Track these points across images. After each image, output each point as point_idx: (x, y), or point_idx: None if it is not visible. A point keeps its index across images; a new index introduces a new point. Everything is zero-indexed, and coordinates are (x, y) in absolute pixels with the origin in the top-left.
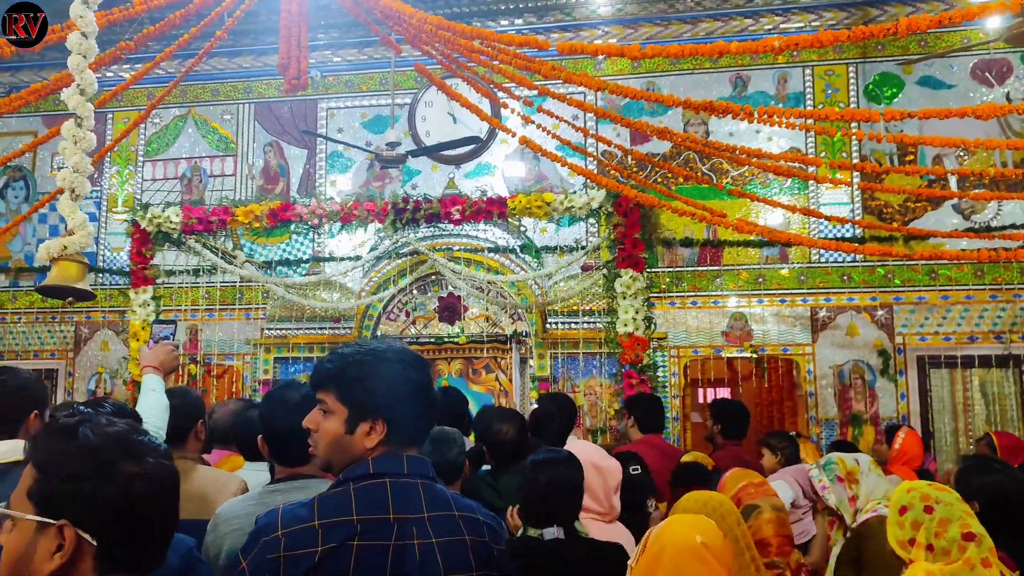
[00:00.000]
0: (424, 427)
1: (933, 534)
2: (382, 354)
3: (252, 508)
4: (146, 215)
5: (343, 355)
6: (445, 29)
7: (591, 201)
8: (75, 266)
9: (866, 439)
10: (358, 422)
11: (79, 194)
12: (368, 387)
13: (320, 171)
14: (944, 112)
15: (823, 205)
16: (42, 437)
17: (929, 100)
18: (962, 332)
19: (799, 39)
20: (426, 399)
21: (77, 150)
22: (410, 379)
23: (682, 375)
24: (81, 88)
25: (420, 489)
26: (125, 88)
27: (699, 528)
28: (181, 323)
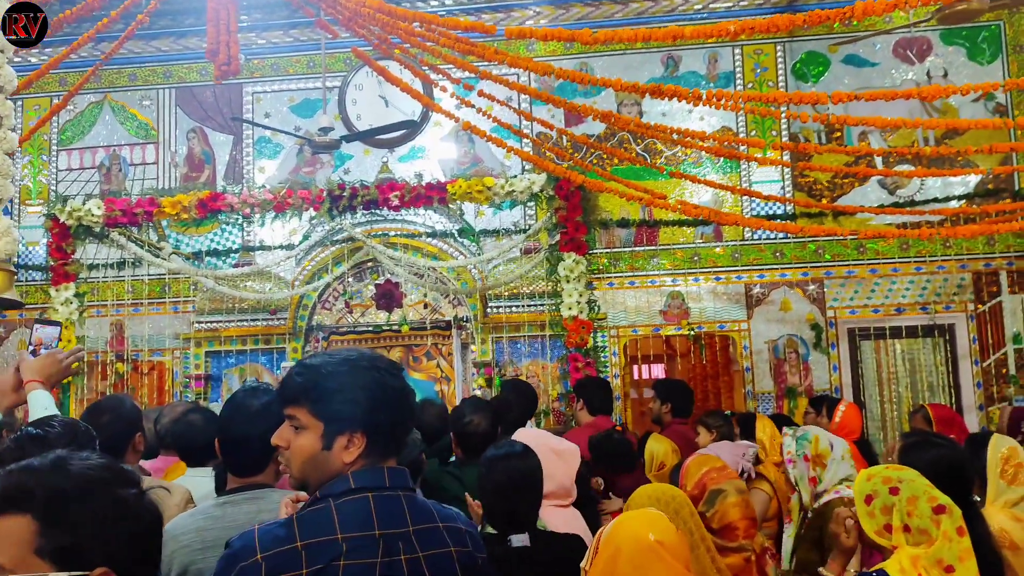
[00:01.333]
0: (404, 436)
1: (906, 514)
2: (356, 363)
3: (202, 522)
4: (65, 208)
5: (313, 366)
6: (384, 12)
7: (532, 185)
8: (1, 275)
9: (801, 411)
10: (335, 436)
11: (1, 198)
12: (345, 398)
13: (247, 157)
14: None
15: (755, 183)
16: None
17: (854, 78)
18: (890, 304)
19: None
20: (405, 406)
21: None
22: (388, 386)
23: (622, 355)
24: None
25: (403, 502)
26: (41, 75)
27: (651, 525)
28: (105, 319)
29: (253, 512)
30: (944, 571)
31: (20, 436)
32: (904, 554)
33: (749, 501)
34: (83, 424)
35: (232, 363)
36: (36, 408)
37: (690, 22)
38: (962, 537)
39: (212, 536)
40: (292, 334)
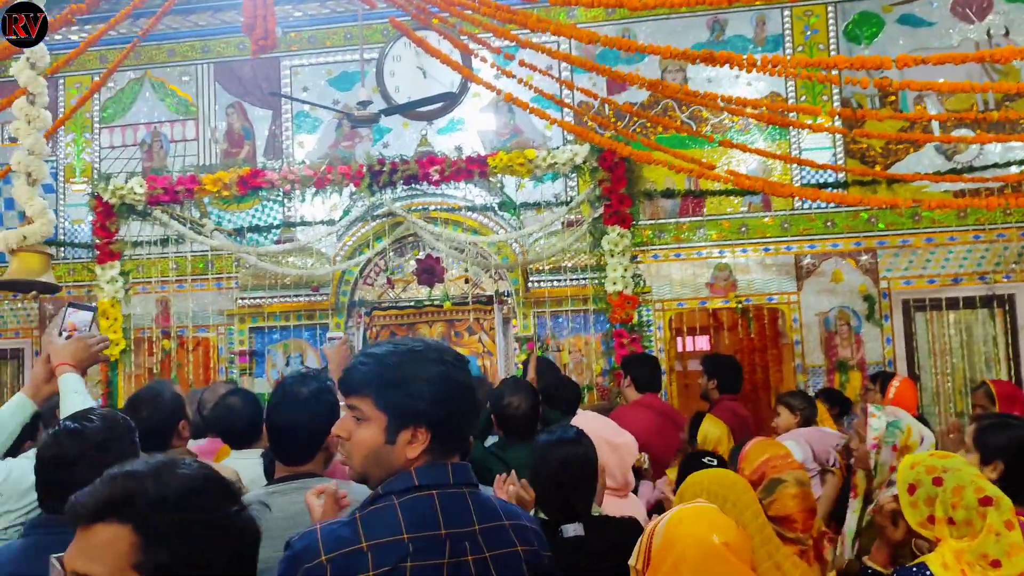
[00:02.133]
0: (469, 431)
1: (950, 506)
2: (423, 354)
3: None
4: (108, 187)
5: (379, 356)
6: None
7: (574, 156)
8: (37, 258)
9: (853, 385)
10: (399, 430)
11: (36, 178)
12: (410, 391)
13: (286, 132)
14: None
15: (805, 150)
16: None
17: (909, 39)
18: (946, 274)
19: None
20: (470, 400)
21: (31, 130)
22: (454, 380)
23: (667, 328)
24: (32, 62)
25: (468, 499)
26: (80, 53)
27: (713, 525)
28: (151, 296)
29: (302, 502)
30: (990, 566)
31: (58, 431)
32: (948, 548)
33: (810, 493)
34: (122, 416)
35: (276, 339)
36: (67, 391)
37: None
38: (1011, 531)
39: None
40: (335, 309)
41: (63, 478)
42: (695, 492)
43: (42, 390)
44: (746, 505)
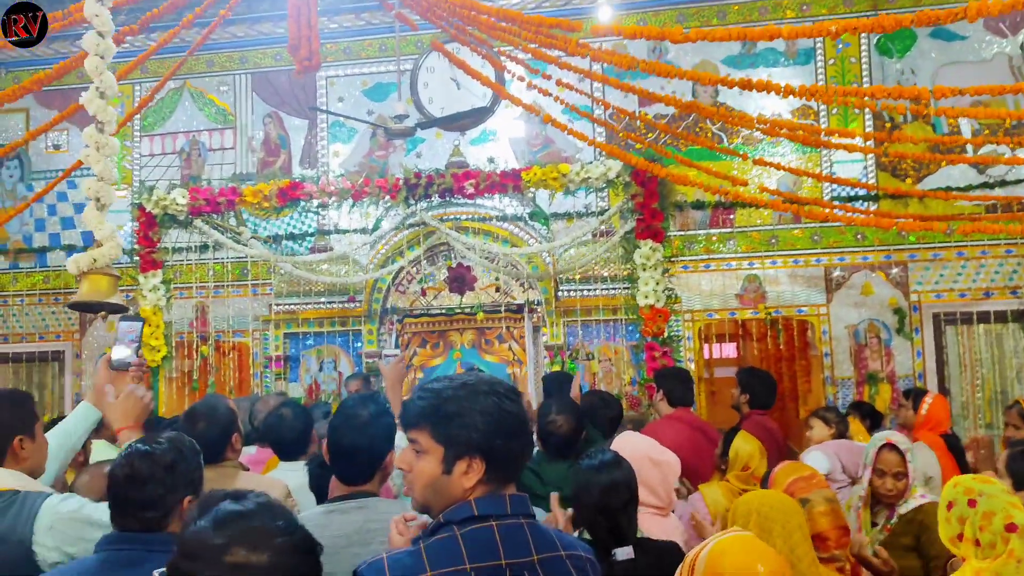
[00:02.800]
0: (523, 461)
1: (978, 528)
2: (475, 387)
3: (311, 528)
4: (151, 198)
5: (435, 390)
6: (467, 7)
7: (608, 171)
8: (105, 279)
9: (883, 397)
10: (455, 461)
11: (105, 204)
12: (464, 423)
13: (322, 141)
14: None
15: (836, 162)
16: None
17: (941, 52)
18: (977, 288)
19: (858, 23)
20: (523, 431)
21: (101, 157)
22: (507, 411)
23: (696, 339)
24: (101, 91)
25: (527, 530)
26: (130, 71)
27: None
28: (188, 300)
29: (360, 521)
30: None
31: (130, 452)
32: (970, 567)
33: (839, 510)
34: (188, 439)
35: (310, 344)
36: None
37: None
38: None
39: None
40: (368, 316)
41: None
42: (745, 513)
43: (103, 397)
44: (796, 527)
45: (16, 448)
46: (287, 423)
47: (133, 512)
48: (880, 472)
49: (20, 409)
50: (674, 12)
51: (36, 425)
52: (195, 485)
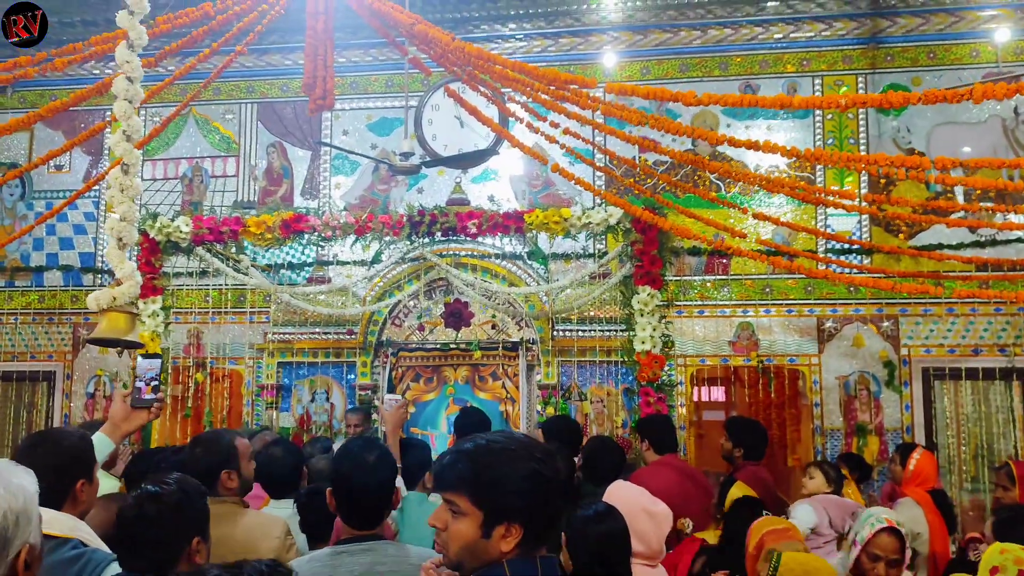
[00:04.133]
0: (559, 522)
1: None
2: (515, 452)
3: (320, 569)
4: (155, 224)
5: (471, 454)
6: (485, 60)
7: (609, 217)
8: (124, 317)
9: (871, 449)
10: (495, 526)
11: (126, 243)
12: (505, 490)
13: (324, 173)
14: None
15: (831, 215)
16: None
17: (937, 112)
18: (966, 344)
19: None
20: (560, 495)
21: (125, 199)
22: (544, 477)
23: (688, 384)
24: (128, 135)
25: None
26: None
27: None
28: (184, 325)
29: (367, 563)
30: None
31: (140, 494)
32: None
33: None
34: (195, 482)
35: (303, 374)
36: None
37: (769, 50)
38: None
39: None
40: (362, 348)
41: (143, 537)
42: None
43: (120, 429)
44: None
45: (78, 491)
46: (277, 462)
47: (142, 552)
48: (873, 556)
49: (82, 452)
50: (677, 61)
51: (95, 467)
52: (201, 525)
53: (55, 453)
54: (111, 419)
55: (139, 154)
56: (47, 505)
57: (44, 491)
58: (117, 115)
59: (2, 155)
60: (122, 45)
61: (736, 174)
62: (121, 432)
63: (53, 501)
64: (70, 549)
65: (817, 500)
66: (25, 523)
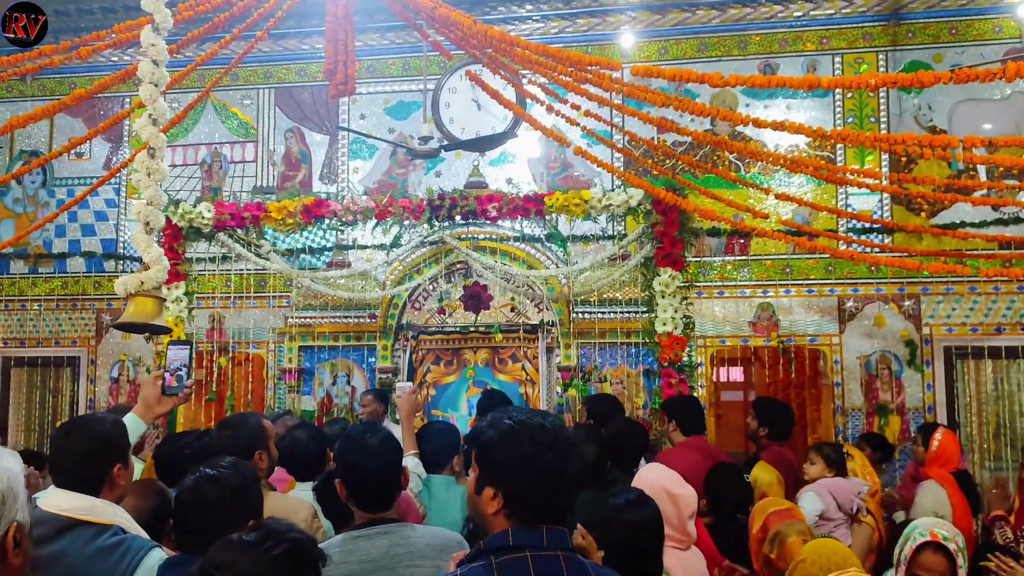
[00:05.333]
0: (557, 507)
1: None
2: (518, 432)
3: (338, 555)
4: (177, 210)
5: (491, 419)
6: (508, 43)
7: (630, 199)
8: (151, 302)
9: (892, 429)
10: (484, 485)
11: (153, 227)
12: (495, 458)
13: (342, 158)
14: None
15: (852, 195)
16: None
17: (959, 89)
18: (989, 323)
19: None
20: (554, 482)
21: (151, 183)
22: (539, 461)
23: (708, 365)
24: (154, 118)
25: (562, 562)
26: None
27: None
28: (205, 311)
29: (385, 546)
30: None
31: (199, 477)
32: None
33: None
34: (249, 465)
35: (324, 358)
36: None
37: (789, 29)
38: None
39: (348, 570)
40: (383, 332)
41: (202, 520)
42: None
43: (152, 411)
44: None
45: (115, 476)
46: (301, 445)
47: (200, 534)
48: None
49: (118, 437)
50: (695, 41)
51: (129, 451)
52: (258, 508)
53: (88, 440)
54: (143, 401)
55: (164, 138)
56: (86, 492)
57: (81, 478)
58: (143, 99)
59: (24, 143)
60: (147, 28)
61: (757, 154)
62: (153, 414)
63: (91, 487)
64: (111, 536)
65: (821, 485)
66: (12, 502)
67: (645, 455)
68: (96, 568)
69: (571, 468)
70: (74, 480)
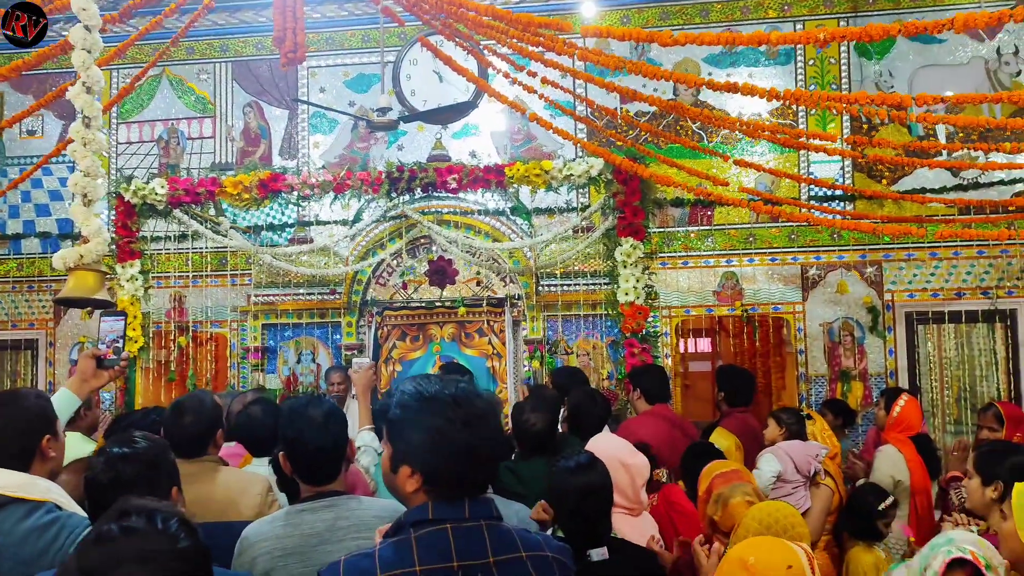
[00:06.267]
0: (478, 480)
1: None
2: (427, 406)
3: (281, 529)
4: (130, 187)
5: (401, 396)
6: (457, 5)
7: (590, 169)
8: (92, 276)
9: (855, 395)
10: (400, 464)
11: (92, 199)
12: (403, 435)
13: (302, 132)
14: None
15: (814, 162)
16: None
17: (919, 55)
18: (949, 288)
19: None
20: (467, 458)
21: (87, 152)
22: (449, 438)
23: (673, 335)
24: (88, 86)
25: (484, 532)
26: (110, 60)
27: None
28: (166, 290)
29: (330, 519)
30: None
31: (111, 455)
32: None
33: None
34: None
35: (288, 336)
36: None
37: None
38: None
39: (291, 544)
40: (347, 308)
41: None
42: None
43: (88, 384)
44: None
45: (44, 447)
46: (257, 421)
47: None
48: None
49: (43, 409)
50: (657, 10)
51: (57, 423)
52: (176, 476)
53: (11, 415)
54: (79, 374)
55: (99, 106)
56: (17, 468)
57: (9, 455)
58: (75, 65)
59: None
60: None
61: (716, 120)
62: (89, 387)
63: (21, 463)
64: (45, 513)
65: (779, 448)
66: None
67: (609, 424)
68: (28, 548)
69: (486, 441)
70: (2, 457)
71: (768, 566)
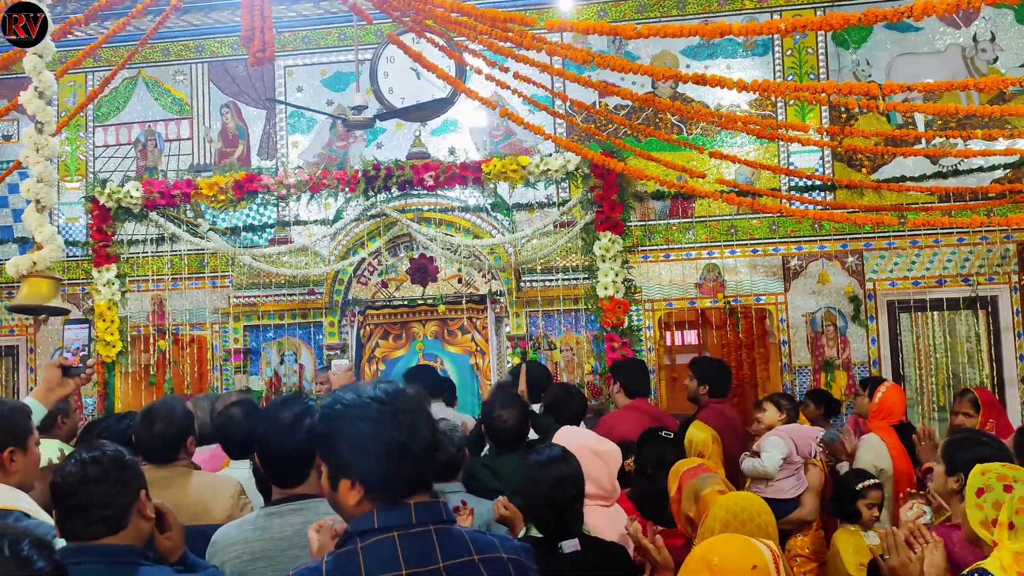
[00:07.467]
0: (417, 479)
1: (1014, 511)
2: (353, 413)
3: (250, 533)
4: (104, 191)
5: (325, 411)
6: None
7: (567, 163)
8: (46, 283)
9: (838, 384)
10: (338, 479)
11: (45, 205)
12: (334, 446)
13: (281, 132)
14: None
15: (793, 153)
16: None
17: (896, 43)
18: (931, 276)
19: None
20: (406, 455)
21: (40, 158)
22: (383, 440)
23: (656, 328)
24: (40, 91)
25: (433, 537)
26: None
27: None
28: (145, 294)
29: (299, 523)
30: None
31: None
32: (1005, 551)
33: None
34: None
35: (271, 336)
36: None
37: None
38: None
39: (260, 547)
40: (329, 308)
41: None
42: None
43: (54, 393)
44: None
45: (5, 460)
46: (236, 423)
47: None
48: None
49: (12, 421)
50: (634, 3)
51: (30, 439)
52: (143, 479)
53: None
54: (44, 383)
55: (52, 111)
56: None
57: None
58: (27, 69)
59: None
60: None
61: (692, 113)
62: (55, 396)
63: None
64: (13, 522)
65: (783, 430)
66: None
67: (587, 419)
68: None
69: (417, 435)
70: None
71: (732, 565)
